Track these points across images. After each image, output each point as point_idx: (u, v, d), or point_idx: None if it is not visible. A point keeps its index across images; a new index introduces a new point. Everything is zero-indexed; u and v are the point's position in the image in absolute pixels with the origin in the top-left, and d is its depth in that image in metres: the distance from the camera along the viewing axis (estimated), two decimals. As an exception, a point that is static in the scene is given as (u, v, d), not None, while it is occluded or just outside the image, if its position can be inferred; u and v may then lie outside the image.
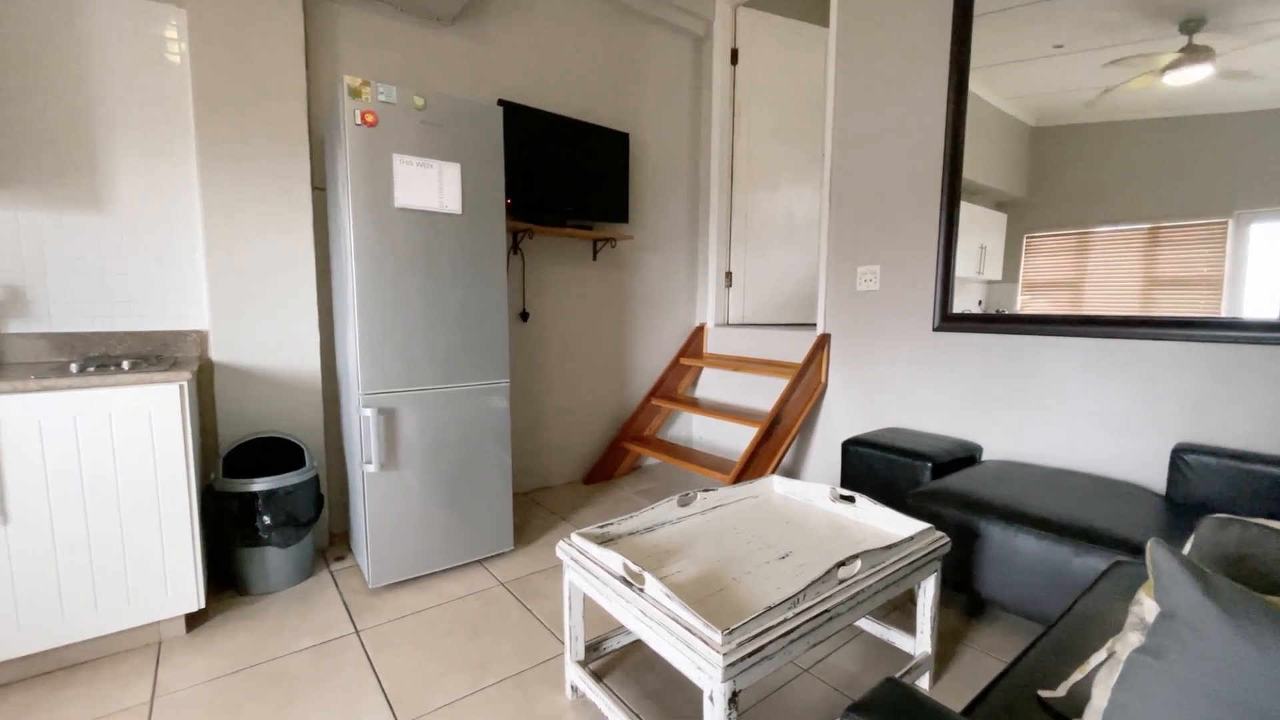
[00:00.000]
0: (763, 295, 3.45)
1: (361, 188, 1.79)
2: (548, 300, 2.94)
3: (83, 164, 1.86)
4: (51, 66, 1.80)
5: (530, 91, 2.77)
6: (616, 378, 3.27)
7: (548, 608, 1.88)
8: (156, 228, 1.98)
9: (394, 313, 1.89)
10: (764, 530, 1.52)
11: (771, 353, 3.03)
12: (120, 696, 1.46)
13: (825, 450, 2.77)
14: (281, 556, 1.96)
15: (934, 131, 2.29)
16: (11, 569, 1.44)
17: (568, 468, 3.13)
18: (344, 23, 2.27)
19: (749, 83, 3.27)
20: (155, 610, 1.63)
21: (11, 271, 1.78)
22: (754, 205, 3.36)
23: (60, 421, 1.47)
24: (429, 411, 1.99)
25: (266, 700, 1.45)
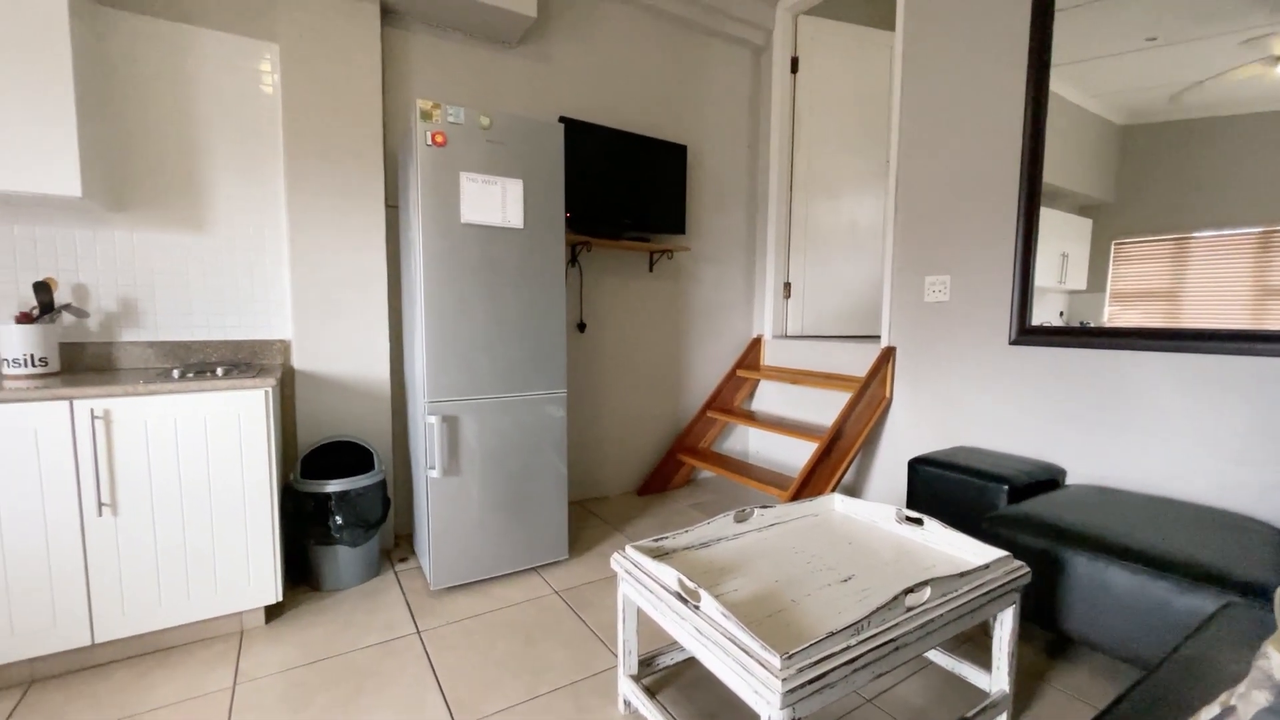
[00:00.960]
0: (823, 306, 3.35)
1: (431, 205, 1.87)
2: (604, 311, 2.97)
3: (187, 188, 2.04)
4: (164, 100, 1.99)
5: (590, 107, 2.83)
6: (672, 389, 3.26)
7: (601, 618, 1.88)
8: (248, 245, 2.14)
9: (458, 324, 1.96)
10: (824, 551, 1.46)
11: (832, 366, 2.93)
12: (206, 681, 1.57)
13: (889, 469, 2.65)
14: (351, 555, 2.06)
15: (1010, 134, 2.17)
16: (119, 557, 1.58)
17: (622, 478, 3.14)
18: (416, 49, 2.40)
19: (809, 91, 3.22)
20: (239, 601, 1.74)
21: (126, 286, 1.97)
22: (814, 214, 3.29)
23: (163, 422, 1.61)
24: (489, 420, 2.04)
25: (335, 694, 1.52)
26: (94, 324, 1.94)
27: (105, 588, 1.57)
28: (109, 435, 1.54)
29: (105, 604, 1.57)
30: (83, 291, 1.91)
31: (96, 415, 1.52)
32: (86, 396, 1.51)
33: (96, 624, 1.56)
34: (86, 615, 1.55)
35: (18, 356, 1.68)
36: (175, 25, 1.98)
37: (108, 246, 1.94)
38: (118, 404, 1.55)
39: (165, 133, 2.00)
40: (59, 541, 1.51)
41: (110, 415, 1.54)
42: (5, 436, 1.44)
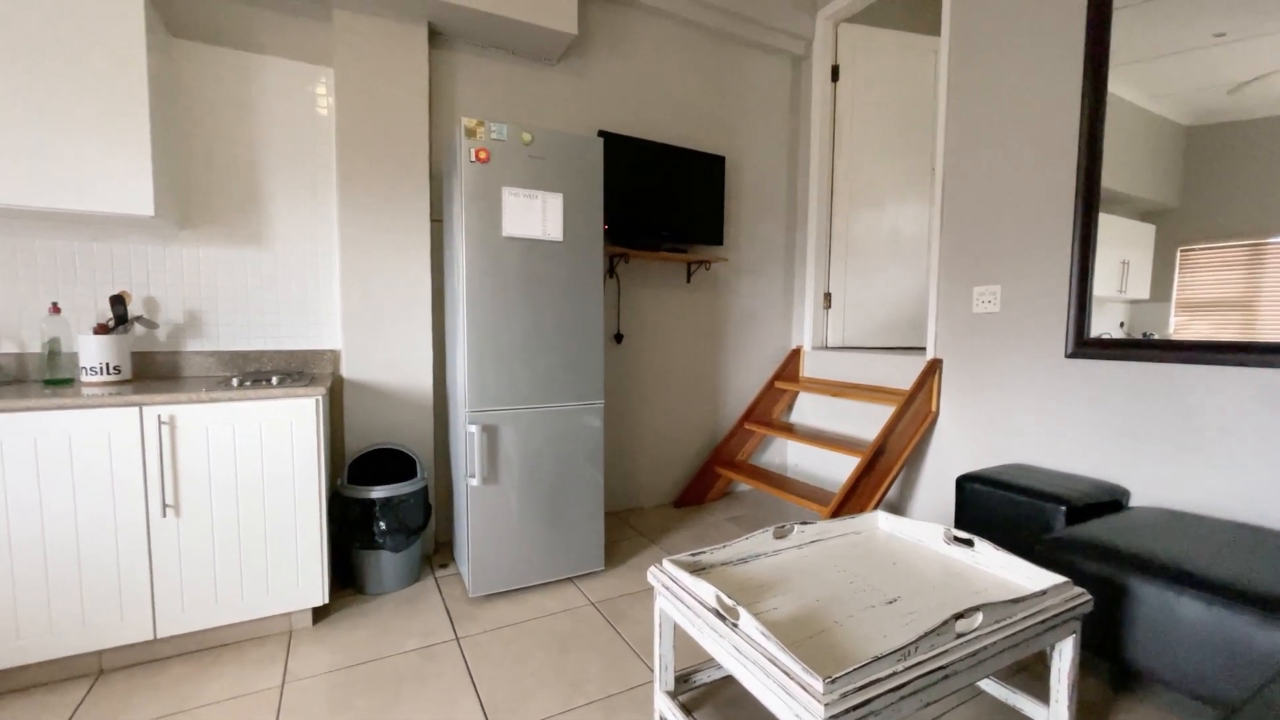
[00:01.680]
0: (864, 317, 3.28)
1: (474, 219, 1.92)
2: (642, 322, 2.98)
3: (248, 206, 2.15)
4: (228, 124, 2.11)
5: (628, 121, 2.86)
6: (709, 401, 3.23)
7: (637, 632, 1.87)
8: (302, 259, 2.24)
9: (499, 335, 1.99)
10: (868, 570, 1.42)
11: (874, 378, 2.86)
12: (257, 678, 1.63)
13: (935, 486, 2.55)
14: (394, 560, 2.11)
15: (1065, 137, 2.08)
16: (180, 556, 1.66)
17: (658, 490, 3.13)
18: (461, 68, 2.48)
19: (850, 98, 3.17)
20: (288, 601, 1.80)
21: (192, 299, 2.09)
22: (855, 224, 3.23)
23: (222, 428, 1.69)
24: (528, 430, 2.07)
25: (377, 697, 1.55)
26: (162, 334, 2.06)
27: (167, 585, 1.65)
28: (174, 440, 1.63)
29: (167, 601, 1.65)
30: (153, 304, 2.04)
31: (163, 421, 1.61)
32: (154, 403, 1.60)
33: (159, 620, 1.65)
34: (150, 611, 1.64)
35: (95, 365, 1.79)
36: (239, 54, 2.10)
37: (176, 262, 2.06)
38: (182, 411, 1.63)
39: (229, 154, 2.12)
40: (127, 540, 1.60)
41: (175, 421, 1.63)
42: (83, 440, 1.54)
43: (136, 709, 1.49)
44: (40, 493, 1.51)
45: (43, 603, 1.52)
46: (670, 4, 2.82)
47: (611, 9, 2.77)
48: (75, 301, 1.93)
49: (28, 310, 1.88)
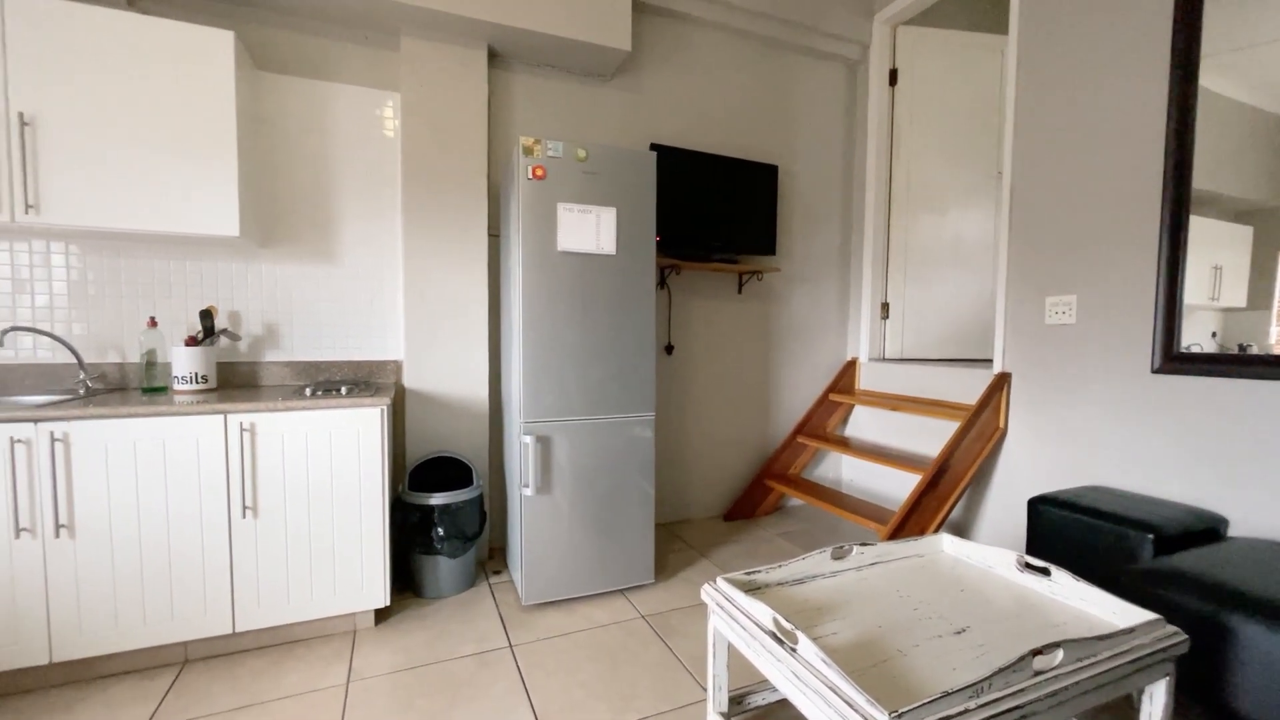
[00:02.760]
0: (924, 328, 3.15)
1: (530, 234, 1.97)
2: (692, 334, 2.97)
3: (321, 224, 2.28)
4: (303, 148, 2.25)
5: (680, 133, 2.87)
6: (760, 412, 3.18)
7: (688, 648, 1.85)
8: (369, 274, 2.36)
9: (553, 348, 2.03)
10: (933, 597, 1.35)
11: (935, 391, 2.74)
12: (324, 675, 1.70)
13: (1004, 508, 2.41)
14: (451, 565, 2.17)
15: (1148, 134, 1.95)
16: (257, 555, 1.76)
17: (708, 502, 3.09)
18: (518, 87, 2.56)
19: (909, 102, 3.08)
20: (353, 602, 1.88)
21: (270, 312, 2.23)
22: (914, 231, 3.12)
23: (296, 435, 1.79)
24: (580, 440, 2.09)
25: (435, 700, 1.59)
26: (244, 345, 2.20)
27: (245, 582, 1.75)
28: (254, 446, 1.74)
29: (245, 597, 1.76)
30: (236, 317, 2.18)
31: (244, 428, 1.72)
32: (237, 411, 1.71)
33: (237, 615, 1.75)
34: (230, 606, 1.74)
35: (186, 374, 1.94)
36: (315, 82, 2.24)
37: (256, 278, 2.20)
38: (261, 418, 1.74)
39: (304, 176, 2.25)
40: (211, 539, 1.71)
41: (255, 428, 1.74)
42: (175, 444, 1.66)
43: (216, 699, 1.59)
44: (138, 493, 1.64)
45: (137, 594, 1.65)
46: (722, 15, 2.83)
47: (663, 23, 2.80)
48: (169, 315, 2.10)
49: (129, 323, 2.06)
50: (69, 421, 1.56)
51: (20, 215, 1.68)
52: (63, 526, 1.57)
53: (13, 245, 1.92)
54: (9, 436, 1.51)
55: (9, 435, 1.52)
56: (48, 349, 1.97)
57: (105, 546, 1.61)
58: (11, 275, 1.92)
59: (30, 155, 1.68)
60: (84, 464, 1.58)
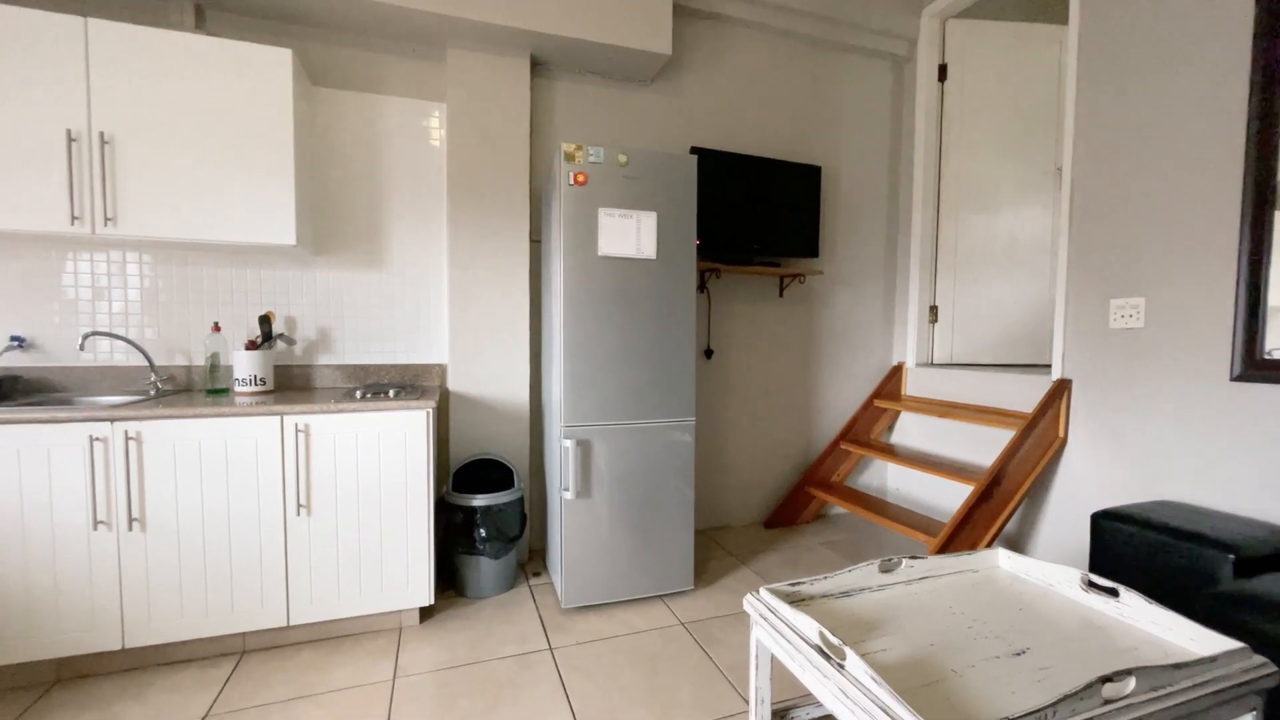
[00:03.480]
0: (975, 332, 3.03)
1: (571, 240, 1.98)
2: (732, 337, 2.94)
3: (371, 233, 2.36)
4: (355, 159, 2.33)
5: (721, 135, 2.85)
6: (802, 418, 3.12)
7: (729, 657, 1.82)
8: (415, 280, 2.42)
9: (593, 352, 2.04)
10: (989, 615, 1.29)
11: (988, 398, 2.63)
12: (372, 670, 1.75)
13: (1064, 522, 2.29)
14: (492, 566, 2.20)
15: (1227, 124, 1.82)
16: (310, 552, 1.83)
17: (748, 508, 3.05)
18: (559, 94, 2.59)
19: (960, 98, 2.97)
20: (399, 600, 1.93)
21: (324, 318, 2.32)
22: (965, 231, 3.00)
23: (347, 437, 1.85)
24: (620, 445, 2.09)
25: (477, 699, 1.62)
26: (298, 349, 2.29)
27: (299, 578, 1.82)
28: (308, 446, 1.81)
29: (298, 592, 1.82)
30: (292, 322, 2.28)
31: (299, 429, 1.79)
32: (293, 413, 1.78)
33: (292, 608, 1.82)
34: (284, 600, 1.81)
35: (245, 376, 2.03)
36: (366, 95, 2.32)
37: (311, 284, 2.29)
38: (315, 420, 1.81)
39: (355, 186, 2.34)
40: (268, 535, 1.79)
41: (309, 429, 1.80)
42: (236, 443, 1.74)
43: (273, 688, 1.66)
44: (202, 490, 1.72)
45: (201, 586, 1.74)
46: (764, 16, 2.79)
47: (704, 26, 2.78)
48: (231, 320, 2.20)
49: (194, 328, 2.17)
50: (141, 421, 1.66)
51: (100, 228, 1.80)
52: (135, 520, 1.67)
53: (93, 256, 2.06)
54: (88, 435, 1.62)
55: (88, 434, 1.62)
56: (123, 352, 2.10)
57: (172, 540, 1.71)
58: (91, 284, 2.06)
59: (109, 172, 1.79)
60: (154, 461, 1.68)
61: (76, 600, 1.64)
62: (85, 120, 1.77)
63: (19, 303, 2.00)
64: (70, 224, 1.77)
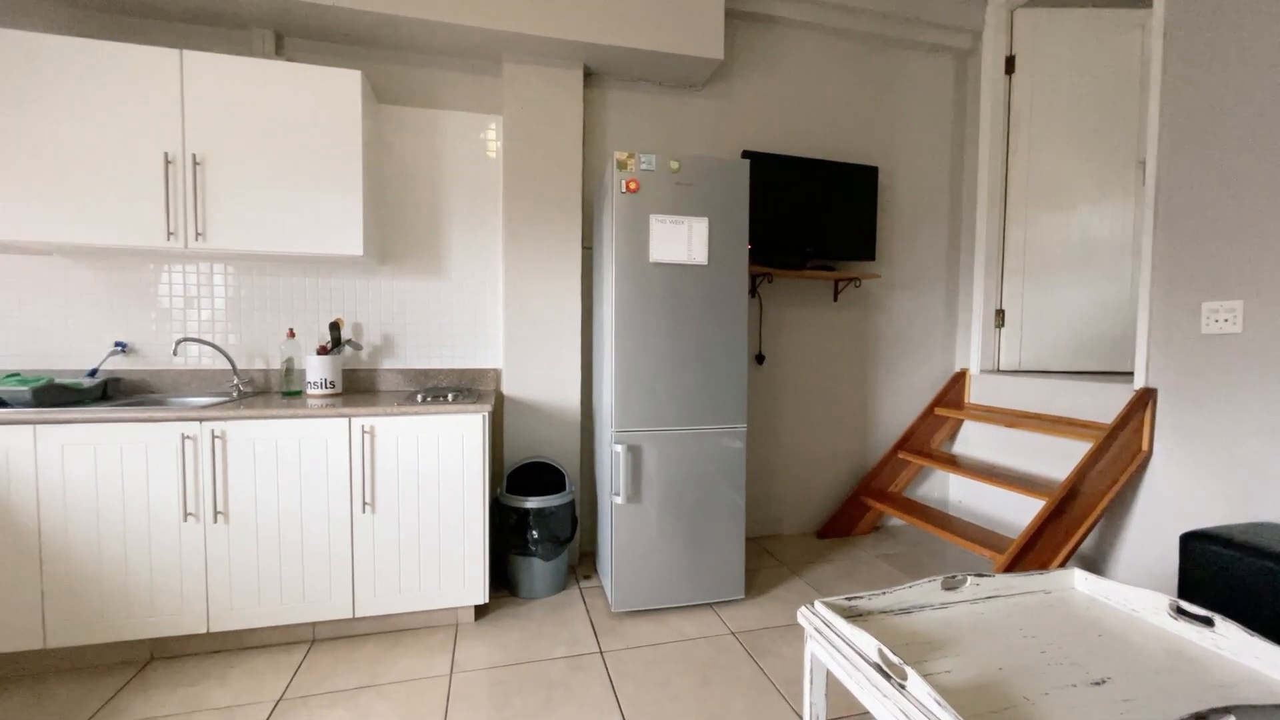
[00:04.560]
0: (1046, 337, 2.86)
1: (623, 247, 2.00)
2: (784, 343, 2.89)
3: (431, 242, 2.46)
4: (416, 171, 2.43)
5: (773, 138, 2.81)
6: (858, 426, 3.03)
7: (781, 670, 1.78)
8: (473, 287, 2.50)
9: (644, 358, 2.05)
10: (1064, 640, 1.21)
11: (1060, 408, 2.47)
12: (431, 664, 1.81)
13: (1147, 542, 2.13)
14: (544, 568, 2.24)
15: (1341, 116, 1.65)
16: (374, 548, 1.92)
17: (800, 517, 2.98)
18: (611, 103, 2.62)
19: (1029, 91, 2.82)
20: (455, 597, 1.99)
21: (388, 324, 2.43)
22: (1035, 231, 2.85)
23: (408, 439, 1.93)
24: (671, 451, 2.09)
25: (530, 699, 1.65)
26: (365, 354, 2.41)
27: (364, 572, 1.91)
28: (373, 447, 1.90)
29: (363, 585, 1.91)
30: (359, 329, 2.40)
31: (365, 431, 1.88)
32: (360, 415, 1.88)
33: (357, 601, 1.91)
34: (350, 593, 1.91)
35: (317, 380, 2.15)
36: (427, 111, 2.42)
37: (376, 292, 2.41)
38: (380, 422, 1.90)
39: (417, 197, 2.44)
40: (336, 531, 1.88)
41: (374, 431, 1.89)
42: (308, 443, 1.85)
43: (339, 677, 1.74)
44: (277, 486, 1.84)
45: (276, 577, 1.85)
46: (819, 15, 2.74)
47: (755, 29, 2.76)
48: (304, 327, 2.34)
49: (271, 334, 2.32)
50: (226, 421, 1.79)
51: (192, 242, 1.95)
52: (220, 513, 1.80)
53: (184, 268, 2.23)
54: (180, 433, 1.76)
55: (181, 432, 1.76)
56: (209, 356, 2.27)
57: (251, 532, 1.82)
58: (184, 293, 2.23)
59: (200, 191, 1.95)
60: (236, 459, 1.80)
61: (168, 586, 1.77)
62: (180, 143, 1.92)
63: (121, 311, 2.19)
64: (166, 239, 1.93)
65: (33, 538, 1.68)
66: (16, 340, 2.11)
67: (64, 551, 1.70)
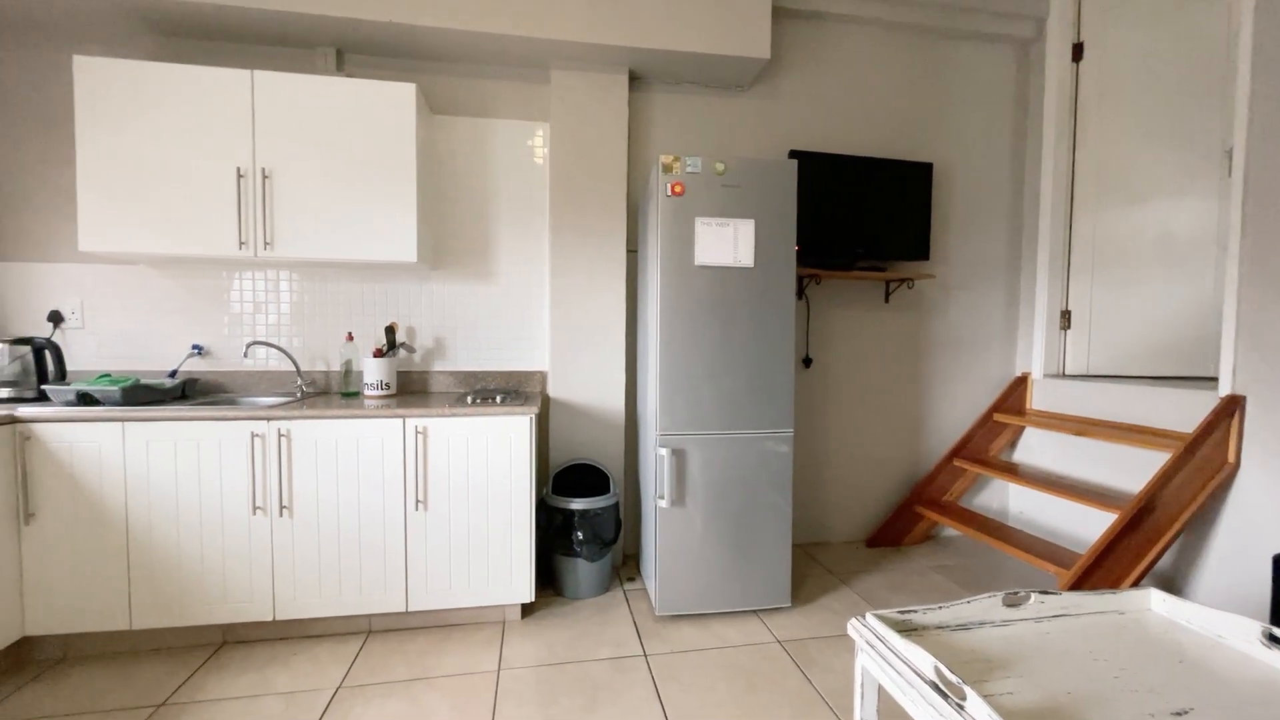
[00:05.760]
0: (1118, 340, 2.69)
1: (668, 250, 2.00)
2: (832, 345, 2.82)
3: (481, 248, 2.52)
4: (467, 179, 2.50)
5: (821, 137, 2.75)
6: (909, 431, 2.92)
7: (830, 682, 1.74)
8: (520, 291, 2.56)
9: (689, 362, 2.04)
10: (1139, 665, 1.13)
11: (1134, 414, 2.32)
12: (479, 660, 1.86)
13: (1233, 562, 1.97)
14: (589, 569, 2.26)
15: None
16: (426, 545, 1.98)
17: (848, 525, 2.91)
18: (656, 106, 2.63)
19: (1098, 78, 2.66)
20: (503, 595, 2.04)
21: (439, 327, 2.51)
22: (1105, 226, 2.68)
23: (459, 439, 1.98)
24: (715, 455, 2.07)
25: (575, 698, 1.66)
26: (417, 357, 2.50)
27: (416, 568, 1.98)
28: (426, 447, 1.96)
29: (416, 580, 1.98)
30: (412, 332, 2.49)
31: (419, 431, 1.95)
32: (413, 416, 1.95)
33: (410, 595, 1.98)
34: (403, 587, 1.98)
35: (373, 381, 2.24)
36: (476, 120, 2.48)
37: (428, 297, 2.49)
38: (432, 422, 1.96)
39: (467, 205, 2.51)
40: (391, 528, 1.96)
41: (427, 431, 1.96)
42: (365, 443, 1.93)
43: (393, 669, 1.81)
44: (337, 483, 1.92)
45: (335, 570, 1.93)
46: (870, 10, 2.67)
47: (804, 26, 2.71)
48: (361, 330, 2.44)
49: (331, 338, 2.43)
50: (291, 420, 1.88)
51: (261, 251, 2.07)
52: (285, 507, 1.90)
53: (253, 275, 2.37)
54: (250, 431, 1.86)
55: (250, 430, 1.86)
56: (276, 359, 2.39)
57: (313, 527, 1.92)
58: (253, 300, 2.37)
59: (269, 202, 2.06)
60: (300, 456, 1.90)
61: (239, 575, 1.88)
62: (251, 158, 2.04)
63: (198, 316, 2.34)
64: (238, 249, 2.05)
65: (121, 526, 1.82)
66: (108, 343, 2.29)
67: (147, 540, 1.84)
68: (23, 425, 1.76)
